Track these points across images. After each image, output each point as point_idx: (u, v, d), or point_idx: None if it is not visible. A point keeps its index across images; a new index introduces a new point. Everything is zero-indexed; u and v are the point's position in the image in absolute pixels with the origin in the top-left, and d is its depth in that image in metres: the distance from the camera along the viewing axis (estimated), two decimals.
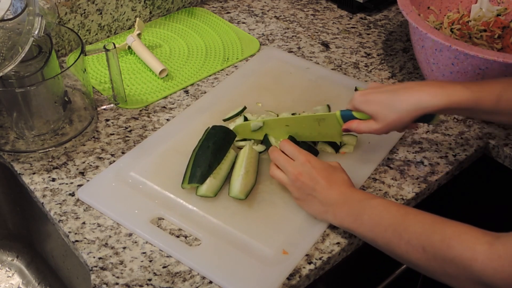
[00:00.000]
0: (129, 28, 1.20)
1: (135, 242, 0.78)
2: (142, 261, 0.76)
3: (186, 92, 1.04)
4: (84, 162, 0.89)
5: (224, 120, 0.95)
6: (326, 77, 1.06)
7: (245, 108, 0.96)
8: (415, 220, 0.68)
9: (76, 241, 0.78)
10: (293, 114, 0.93)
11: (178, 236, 0.78)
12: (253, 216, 0.80)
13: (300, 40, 1.18)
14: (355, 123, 0.81)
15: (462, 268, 0.61)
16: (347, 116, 0.83)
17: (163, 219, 0.80)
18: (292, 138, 0.87)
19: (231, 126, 0.92)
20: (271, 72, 1.07)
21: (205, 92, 1.03)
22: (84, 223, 0.80)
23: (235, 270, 0.73)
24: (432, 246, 0.64)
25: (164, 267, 0.75)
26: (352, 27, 1.22)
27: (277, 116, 0.94)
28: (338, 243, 0.78)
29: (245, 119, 0.93)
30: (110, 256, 0.76)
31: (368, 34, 1.20)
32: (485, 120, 0.93)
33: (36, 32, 0.80)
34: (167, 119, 0.98)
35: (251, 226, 0.79)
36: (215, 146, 0.84)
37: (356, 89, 1.02)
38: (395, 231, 0.68)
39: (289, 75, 1.07)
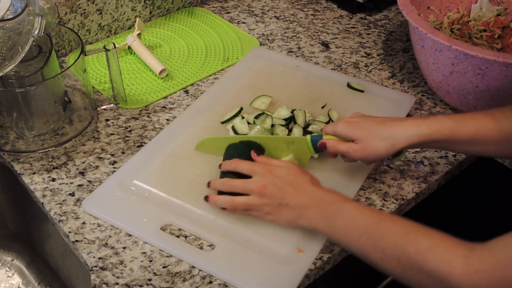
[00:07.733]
0: (129, 28, 1.20)
1: (135, 242, 0.78)
2: (142, 261, 0.76)
3: (186, 92, 1.04)
4: (84, 162, 0.89)
5: (222, 123, 0.95)
6: (317, 74, 1.06)
7: (241, 109, 0.96)
8: (390, 228, 0.67)
9: (76, 241, 0.78)
10: (293, 110, 0.93)
11: (189, 242, 0.77)
12: None
13: (300, 40, 1.18)
14: (332, 140, 0.80)
15: (439, 281, 0.61)
16: (317, 141, 0.82)
17: (172, 225, 0.79)
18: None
19: (229, 127, 0.92)
20: (262, 72, 1.07)
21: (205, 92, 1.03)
22: (84, 223, 0.80)
23: (252, 271, 0.73)
24: (407, 258, 0.64)
25: (164, 267, 0.75)
26: (352, 27, 1.22)
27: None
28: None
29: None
30: (110, 256, 0.76)
31: (368, 34, 1.20)
32: (464, 152, 0.89)
33: (36, 32, 0.80)
34: (167, 119, 0.98)
35: (262, 225, 0.78)
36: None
37: (348, 85, 1.02)
38: (369, 239, 0.68)
39: (280, 74, 1.07)
